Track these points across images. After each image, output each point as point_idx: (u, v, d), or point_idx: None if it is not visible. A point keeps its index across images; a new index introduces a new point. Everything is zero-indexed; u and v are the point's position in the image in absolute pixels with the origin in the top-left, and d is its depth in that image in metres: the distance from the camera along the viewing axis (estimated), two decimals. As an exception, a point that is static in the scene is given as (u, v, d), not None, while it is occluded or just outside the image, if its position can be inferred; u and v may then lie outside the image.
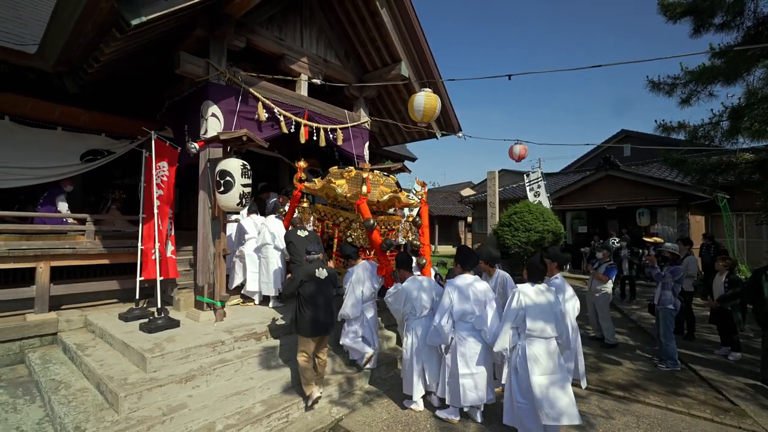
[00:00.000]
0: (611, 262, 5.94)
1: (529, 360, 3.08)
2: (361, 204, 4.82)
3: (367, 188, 4.81)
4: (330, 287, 3.93)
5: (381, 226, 5.39)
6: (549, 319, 3.14)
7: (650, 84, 7.16)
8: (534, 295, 3.20)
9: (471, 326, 3.49)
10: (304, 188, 5.30)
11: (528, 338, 3.15)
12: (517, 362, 3.17)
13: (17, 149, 5.14)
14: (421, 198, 5.52)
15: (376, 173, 5.44)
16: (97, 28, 3.66)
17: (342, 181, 5.13)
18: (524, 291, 3.23)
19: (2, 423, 3.24)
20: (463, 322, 3.48)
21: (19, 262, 4.76)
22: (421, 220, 5.38)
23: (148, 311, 4.78)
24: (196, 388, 3.50)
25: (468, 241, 24.99)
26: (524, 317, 3.15)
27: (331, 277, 3.92)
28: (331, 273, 3.94)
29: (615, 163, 12.50)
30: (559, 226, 11.02)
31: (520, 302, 3.18)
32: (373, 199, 5.08)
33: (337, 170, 5.38)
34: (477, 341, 3.47)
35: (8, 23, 4.78)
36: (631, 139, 18.35)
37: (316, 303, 3.71)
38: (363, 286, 4.36)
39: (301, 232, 4.88)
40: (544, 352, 3.10)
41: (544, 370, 3.05)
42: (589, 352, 5.45)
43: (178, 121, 5.47)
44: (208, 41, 4.81)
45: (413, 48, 6.56)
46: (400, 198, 5.38)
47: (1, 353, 4.43)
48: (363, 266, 4.46)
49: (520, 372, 3.13)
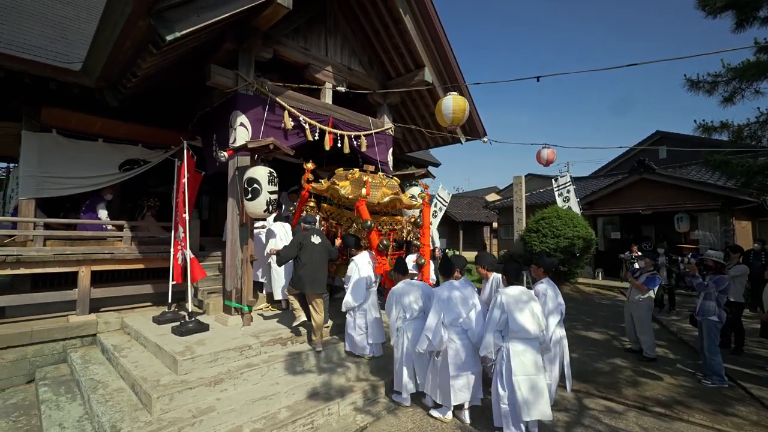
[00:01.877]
0: (654, 271, 5.61)
1: (512, 360, 3.23)
2: (360, 206, 4.95)
3: (367, 191, 4.98)
4: (323, 252, 4.56)
5: (383, 226, 5.63)
6: (530, 321, 3.28)
7: (688, 82, 6.79)
8: (516, 298, 3.34)
9: (460, 329, 3.60)
10: (311, 189, 5.43)
11: (511, 340, 3.30)
12: (503, 364, 3.30)
13: (64, 160, 5.50)
14: (423, 200, 5.68)
15: (379, 175, 5.54)
16: (135, 45, 3.87)
17: (346, 183, 5.28)
18: (506, 294, 3.37)
19: (47, 419, 3.42)
20: (453, 326, 3.60)
21: (63, 267, 5.05)
22: (422, 220, 5.52)
23: (179, 314, 4.95)
24: (224, 391, 3.57)
25: (494, 247, 24.49)
26: (506, 320, 3.30)
27: (324, 244, 4.56)
28: (324, 240, 4.54)
29: (650, 166, 11.92)
30: (590, 232, 10.61)
31: (503, 306, 3.32)
32: (374, 201, 5.23)
33: (342, 172, 5.52)
34: (466, 343, 3.57)
35: (56, 43, 5.13)
36: (667, 141, 17.50)
37: (310, 264, 4.40)
38: (364, 273, 4.57)
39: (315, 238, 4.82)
40: (525, 353, 3.25)
41: (525, 370, 3.21)
42: (625, 364, 5.17)
43: (208, 130, 5.67)
44: (237, 54, 4.98)
45: (437, 53, 6.54)
46: (402, 200, 5.52)
47: (47, 352, 4.70)
48: (363, 255, 4.72)
49: (504, 373, 3.27)
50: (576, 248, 10.25)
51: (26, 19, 5.31)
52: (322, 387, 3.89)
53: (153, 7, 3.40)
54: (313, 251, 4.47)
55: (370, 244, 4.92)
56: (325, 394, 3.79)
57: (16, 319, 4.96)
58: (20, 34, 4.84)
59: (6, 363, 4.42)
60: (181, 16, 3.60)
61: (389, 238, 5.40)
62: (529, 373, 3.20)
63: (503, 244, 18.62)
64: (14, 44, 4.51)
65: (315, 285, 4.43)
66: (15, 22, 5.08)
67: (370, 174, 5.31)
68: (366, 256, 4.74)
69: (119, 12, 3.42)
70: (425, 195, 5.77)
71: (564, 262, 10.63)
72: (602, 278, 12.59)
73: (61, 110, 5.10)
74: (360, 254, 4.73)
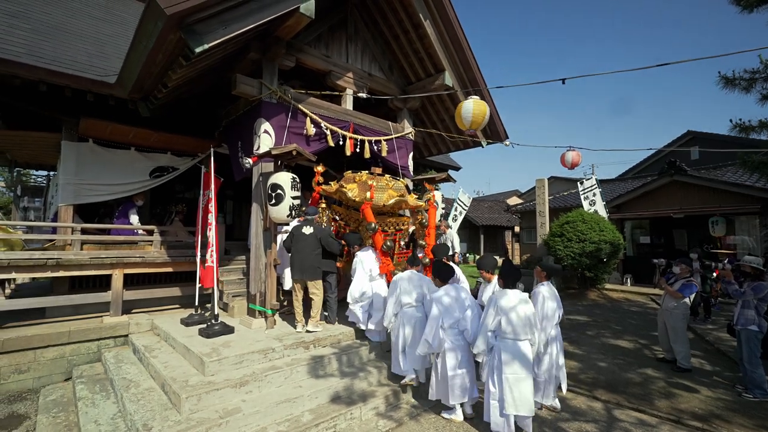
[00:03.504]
0: (690, 278, 5.34)
1: (503, 359, 3.38)
2: (365, 209, 5.14)
3: (371, 194, 5.17)
4: (314, 242, 4.83)
5: (390, 226, 5.92)
6: (522, 323, 3.42)
7: (723, 80, 6.50)
8: (511, 300, 3.47)
9: (457, 331, 3.76)
10: (321, 191, 5.54)
11: (503, 340, 3.45)
12: (494, 363, 3.45)
13: (99, 168, 5.79)
14: (428, 201, 5.86)
15: (386, 178, 5.68)
16: (166, 57, 4.04)
17: (353, 185, 5.44)
18: (502, 297, 3.50)
19: (83, 416, 3.58)
20: (451, 328, 3.74)
21: (98, 270, 5.30)
22: (428, 221, 5.67)
23: (206, 317, 5.09)
24: (249, 393, 3.64)
25: (516, 251, 24.02)
26: (500, 321, 3.44)
27: (315, 233, 4.86)
28: (316, 230, 4.87)
29: (681, 168, 11.43)
30: (618, 236, 10.26)
31: (498, 308, 3.47)
32: (380, 203, 5.40)
33: (350, 174, 5.65)
34: (462, 344, 3.74)
35: (95, 58, 5.42)
36: (699, 141, 16.78)
37: (299, 253, 4.74)
38: (366, 268, 4.87)
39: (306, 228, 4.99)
40: (516, 353, 3.39)
41: (515, 368, 3.35)
42: (657, 375, 4.95)
43: (233, 138, 5.84)
44: (261, 63, 5.12)
45: (457, 57, 6.52)
46: (408, 201, 5.68)
47: (83, 352, 4.93)
48: (364, 250, 5.04)
49: (496, 372, 3.41)
50: (603, 253, 9.92)
51: (70, 37, 5.65)
52: (344, 391, 3.91)
53: (183, 21, 3.55)
54: (302, 241, 4.80)
55: (375, 245, 5.10)
56: (348, 399, 3.80)
57: (55, 320, 5.22)
58: (64, 51, 5.15)
59: (46, 361, 4.66)
60: (209, 29, 3.73)
61: (395, 238, 5.70)
62: (519, 372, 3.34)
63: (525, 249, 18.24)
64: (58, 60, 4.81)
65: (304, 272, 4.77)
66: (61, 40, 5.41)
67: (377, 177, 5.51)
68: (370, 252, 5.04)
69: (152, 26, 3.59)
70: (431, 196, 5.97)
71: (590, 267, 10.31)
72: (631, 284, 12.12)
73: (97, 121, 5.36)
74: (363, 250, 5.04)
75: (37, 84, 4.89)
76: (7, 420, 3.79)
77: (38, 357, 4.62)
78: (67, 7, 6.58)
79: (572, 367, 5.25)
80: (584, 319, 8.13)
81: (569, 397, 4.28)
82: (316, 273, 4.86)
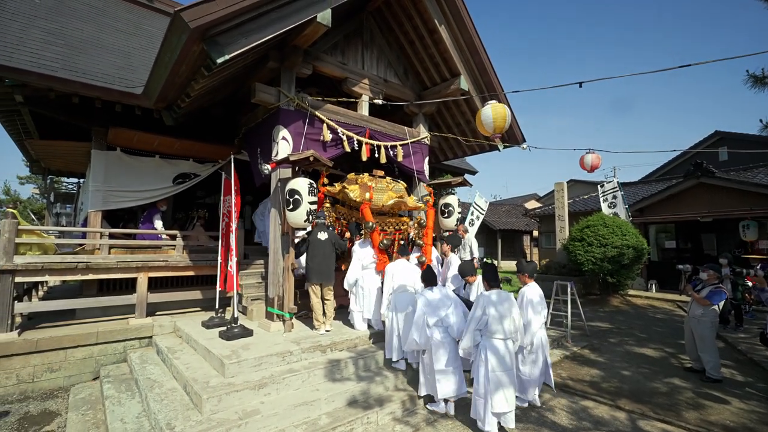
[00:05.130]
0: (718, 284, 5.13)
1: (489, 357, 3.53)
2: (364, 208, 5.46)
3: (370, 195, 5.54)
4: (329, 247, 5.06)
5: (390, 226, 6.22)
6: (507, 322, 3.61)
7: (751, 79, 6.25)
8: (495, 301, 3.65)
9: (443, 328, 3.92)
10: (326, 191, 5.73)
11: (489, 338, 3.61)
12: (481, 360, 3.61)
13: (126, 175, 6.03)
14: (427, 202, 6.22)
15: (386, 180, 6.06)
16: (189, 68, 4.20)
17: (355, 187, 5.75)
18: (487, 297, 3.67)
19: (110, 414, 3.71)
20: (436, 325, 3.91)
21: (125, 273, 5.50)
22: (426, 221, 6.07)
23: (226, 320, 5.20)
24: (267, 395, 3.70)
25: (534, 256, 23.57)
26: (486, 321, 3.61)
27: (330, 239, 5.08)
28: (330, 236, 5.10)
29: (709, 169, 11.01)
30: (641, 241, 9.96)
31: (484, 308, 3.62)
32: (379, 204, 5.76)
33: (352, 177, 5.93)
34: (448, 340, 3.90)
35: (123, 70, 5.67)
36: (727, 142, 16.16)
37: (317, 257, 4.96)
38: (360, 257, 5.25)
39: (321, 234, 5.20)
40: (501, 351, 3.56)
41: (499, 366, 3.51)
42: (685, 385, 4.76)
43: (252, 145, 5.99)
44: (279, 71, 5.25)
45: (473, 61, 6.51)
46: (407, 202, 6.04)
47: (110, 352, 5.11)
48: (362, 245, 5.37)
49: (482, 369, 3.56)
50: (625, 258, 9.64)
51: (100, 51, 5.94)
52: (360, 395, 3.92)
53: (206, 33, 3.69)
54: (318, 246, 5.02)
55: (372, 243, 5.39)
56: (364, 403, 3.81)
57: (84, 321, 5.44)
58: (95, 65, 5.41)
59: (76, 361, 4.86)
60: (230, 40, 3.87)
61: (394, 237, 6.03)
62: (503, 369, 3.52)
63: (545, 254, 17.87)
64: (89, 73, 5.06)
65: (321, 276, 4.99)
66: (92, 54, 5.69)
67: (377, 179, 5.88)
68: (368, 248, 5.36)
69: (177, 39, 3.74)
70: (429, 198, 6.27)
71: (612, 272, 10.04)
72: (656, 290, 11.72)
73: (125, 130, 5.60)
74: (361, 245, 5.40)
75: (70, 96, 5.16)
76: (41, 416, 3.97)
77: (68, 356, 4.82)
78: (99, 23, 6.92)
79: (594, 375, 5.11)
80: (606, 326, 7.90)
81: (590, 406, 4.16)
82: (332, 277, 5.08)
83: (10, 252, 4.74)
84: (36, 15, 5.99)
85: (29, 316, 5.55)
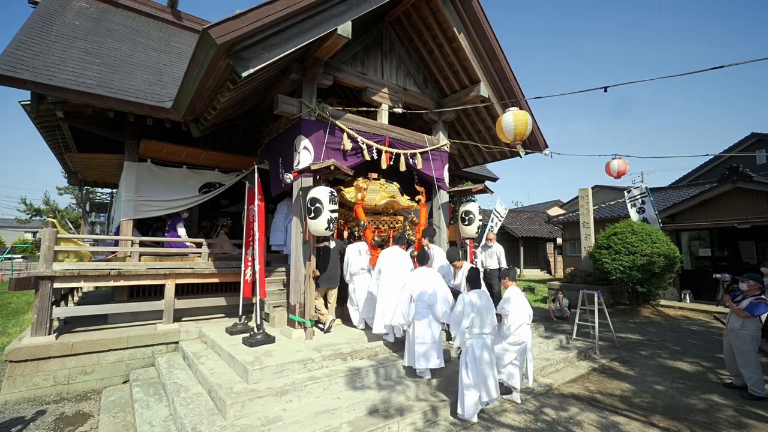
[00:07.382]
0: (760, 295, 4.83)
1: (475, 353, 3.93)
2: (357, 208, 5.85)
3: (362, 195, 5.97)
4: (336, 254, 5.64)
5: (384, 224, 6.65)
6: (486, 320, 4.04)
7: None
8: (477, 301, 4.01)
9: (426, 304, 4.39)
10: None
11: (474, 336, 4.00)
12: (468, 357, 3.95)
13: (156, 186, 6.28)
14: (419, 201, 6.60)
15: (380, 182, 6.43)
16: (215, 82, 4.37)
17: (351, 189, 6.16)
18: (469, 298, 4.03)
19: (139, 417, 3.82)
20: (420, 301, 4.40)
21: (153, 279, 5.70)
22: (417, 219, 6.55)
23: (249, 326, 5.29)
24: (289, 402, 3.73)
25: (558, 264, 22.94)
26: (472, 319, 3.97)
27: (337, 246, 5.69)
28: (338, 243, 5.71)
29: (745, 173, 10.48)
30: (673, 249, 9.53)
31: (467, 308, 3.98)
32: (372, 204, 6.20)
33: (349, 180, 6.30)
34: (429, 318, 4.37)
35: (154, 86, 5.95)
36: (765, 144, 15.35)
37: (327, 264, 5.48)
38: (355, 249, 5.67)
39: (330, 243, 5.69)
40: (483, 346, 3.98)
41: (482, 360, 3.92)
42: (725, 402, 4.49)
43: (275, 154, 6.13)
44: (301, 82, 5.37)
45: (492, 68, 6.47)
46: (399, 202, 6.51)
47: (139, 356, 5.28)
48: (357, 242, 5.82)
49: (470, 365, 3.92)
50: (656, 266, 9.24)
51: (133, 68, 6.26)
52: (381, 404, 3.90)
53: (232, 48, 3.83)
54: (328, 254, 5.55)
55: (366, 239, 5.85)
56: (385, 412, 3.78)
57: (116, 326, 5.66)
58: (128, 81, 5.70)
59: (108, 364, 5.05)
60: (254, 55, 4.00)
61: (389, 235, 6.48)
62: (488, 362, 3.94)
63: (569, 262, 17.36)
64: (123, 90, 5.34)
65: (330, 281, 5.55)
66: (126, 71, 6.01)
67: (371, 181, 6.29)
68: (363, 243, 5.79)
69: (204, 55, 3.90)
70: (421, 197, 6.64)
71: (642, 281, 9.63)
72: (690, 301, 11.15)
73: (155, 142, 5.86)
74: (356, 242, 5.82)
75: (105, 111, 5.45)
76: (75, 417, 4.14)
77: (101, 360, 5.02)
78: (133, 41, 7.30)
79: (624, 389, 4.89)
80: (637, 338, 7.56)
81: (621, 422, 3.98)
82: (338, 281, 5.68)
83: (49, 259, 5.00)
84: (75, 36, 6.37)
85: (65, 321, 5.82)
